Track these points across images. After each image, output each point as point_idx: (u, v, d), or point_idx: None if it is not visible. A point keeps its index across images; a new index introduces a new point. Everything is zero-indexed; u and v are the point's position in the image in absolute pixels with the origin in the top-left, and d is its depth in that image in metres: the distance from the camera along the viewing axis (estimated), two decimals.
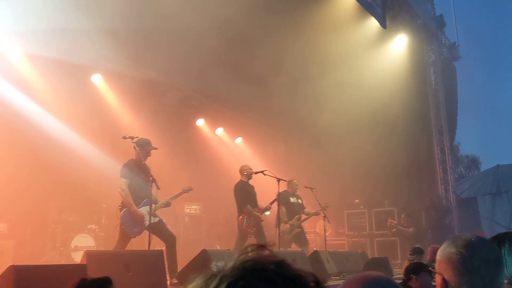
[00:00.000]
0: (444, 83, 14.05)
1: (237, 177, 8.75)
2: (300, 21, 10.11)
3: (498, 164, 14.16)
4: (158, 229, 6.63)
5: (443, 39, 14.64)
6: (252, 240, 8.69)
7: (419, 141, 13.89)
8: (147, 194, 6.57)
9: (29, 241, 8.78)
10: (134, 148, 6.71)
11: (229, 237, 10.76)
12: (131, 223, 6.44)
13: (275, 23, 9.99)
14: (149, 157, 6.82)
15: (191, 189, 7.38)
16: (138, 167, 6.66)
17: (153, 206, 6.68)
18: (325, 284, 0.72)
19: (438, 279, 1.57)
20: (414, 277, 4.21)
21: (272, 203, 8.52)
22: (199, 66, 10.72)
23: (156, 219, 6.65)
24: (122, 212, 6.48)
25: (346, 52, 11.20)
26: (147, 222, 6.46)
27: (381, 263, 8.24)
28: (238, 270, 0.69)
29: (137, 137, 6.71)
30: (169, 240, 6.58)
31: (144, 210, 6.52)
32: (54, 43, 9.19)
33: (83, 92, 10.06)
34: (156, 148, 6.92)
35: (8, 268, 3.69)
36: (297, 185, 9.52)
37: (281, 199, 8.83)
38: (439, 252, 1.60)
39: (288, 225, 9.11)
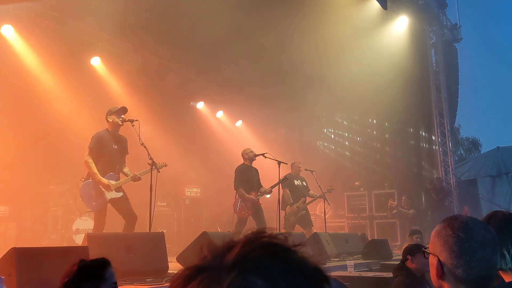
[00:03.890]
0: (445, 65, 13.95)
1: (237, 160, 8.77)
2: (300, 3, 10.00)
3: (498, 146, 14.13)
4: (121, 204, 6.48)
5: (445, 20, 14.48)
6: (253, 223, 8.75)
7: (419, 124, 13.87)
8: (114, 166, 6.51)
9: (30, 224, 8.85)
10: (106, 118, 6.61)
11: (229, 220, 10.82)
12: (89, 197, 6.30)
13: (275, 6, 9.89)
14: (148, 140, 6.76)
15: (165, 165, 6.78)
16: (111, 138, 6.55)
17: (120, 179, 6.56)
18: (325, 268, 0.70)
19: (433, 261, 1.58)
20: (410, 258, 4.25)
21: (273, 187, 8.52)
22: (198, 48, 10.65)
23: (119, 194, 6.51)
24: (81, 185, 6.33)
25: (346, 34, 11.10)
26: (108, 196, 6.37)
27: (381, 245, 8.30)
28: (229, 267, 0.64)
29: (136, 120, 6.63)
30: (130, 218, 6.45)
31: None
32: (53, 25, 9.14)
33: (83, 74, 10.03)
34: (124, 119, 6.58)
35: (9, 250, 3.71)
36: (299, 167, 9.58)
37: (286, 182, 8.88)
38: (434, 234, 1.60)
39: (295, 207, 9.19)
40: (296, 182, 9.47)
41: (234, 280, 0.62)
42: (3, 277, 2.83)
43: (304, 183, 9.69)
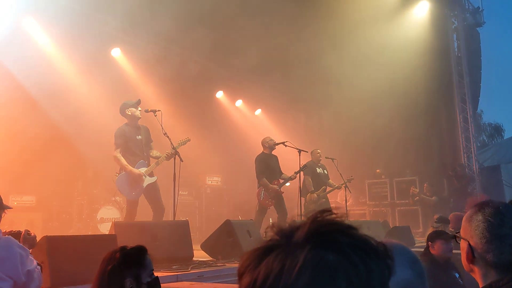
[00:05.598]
0: (467, 50, 13.71)
1: (257, 149, 8.80)
2: None
3: None
4: (154, 194, 6.65)
5: (467, 4, 14.21)
6: (272, 211, 8.80)
7: (441, 110, 13.68)
8: (142, 155, 6.64)
9: (56, 213, 9.05)
10: (124, 111, 6.73)
11: (250, 208, 10.90)
12: (127, 187, 6.46)
13: None
14: (168, 130, 6.81)
15: (189, 140, 7.04)
16: (133, 130, 6.68)
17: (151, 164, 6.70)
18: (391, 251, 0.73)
19: (463, 245, 1.60)
20: (430, 244, 4.25)
21: (297, 173, 8.54)
22: (218, 37, 10.65)
23: (154, 178, 6.67)
24: (116, 179, 6.49)
25: (366, 20, 10.98)
26: (145, 183, 6.52)
27: (403, 232, 8.28)
28: (301, 243, 0.67)
29: (158, 110, 6.70)
30: (159, 210, 6.61)
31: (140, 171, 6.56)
32: (74, 17, 9.23)
33: (104, 66, 10.12)
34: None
35: (41, 238, 3.83)
36: (320, 154, 9.57)
37: (308, 169, 8.93)
38: (465, 219, 1.62)
39: (315, 195, 9.20)
40: (318, 170, 9.46)
41: (309, 253, 0.65)
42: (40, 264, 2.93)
43: (325, 171, 9.69)
